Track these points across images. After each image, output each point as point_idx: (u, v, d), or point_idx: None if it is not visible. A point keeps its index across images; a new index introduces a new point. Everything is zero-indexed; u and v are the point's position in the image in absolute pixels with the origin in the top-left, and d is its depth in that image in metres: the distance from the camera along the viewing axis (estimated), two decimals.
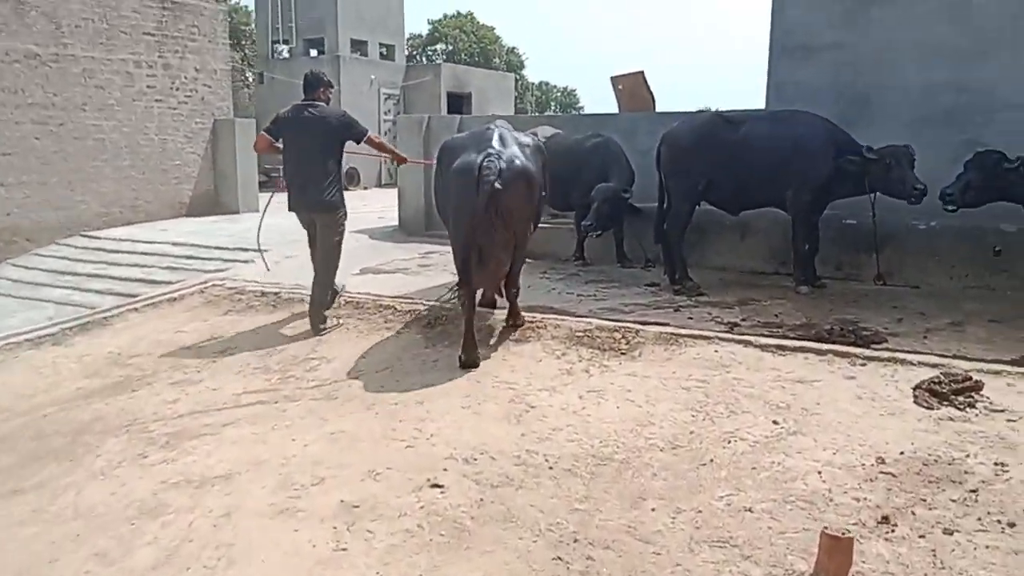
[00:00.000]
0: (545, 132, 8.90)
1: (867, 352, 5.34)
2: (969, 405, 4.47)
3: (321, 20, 22.50)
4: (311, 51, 23.01)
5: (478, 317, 6.47)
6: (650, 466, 4.03)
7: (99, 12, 12.59)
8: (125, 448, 4.65)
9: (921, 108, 7.84)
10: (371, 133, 6.98)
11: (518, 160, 5.70)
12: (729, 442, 4.23)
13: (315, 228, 6.92)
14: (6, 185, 11.46)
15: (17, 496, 4.18)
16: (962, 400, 4.49)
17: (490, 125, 6.10)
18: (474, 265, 5.66)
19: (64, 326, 7.17)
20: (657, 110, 11.53)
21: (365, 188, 21.29)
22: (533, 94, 50.53)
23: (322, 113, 6.76)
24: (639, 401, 4.81)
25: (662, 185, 7.63)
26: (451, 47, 45.40)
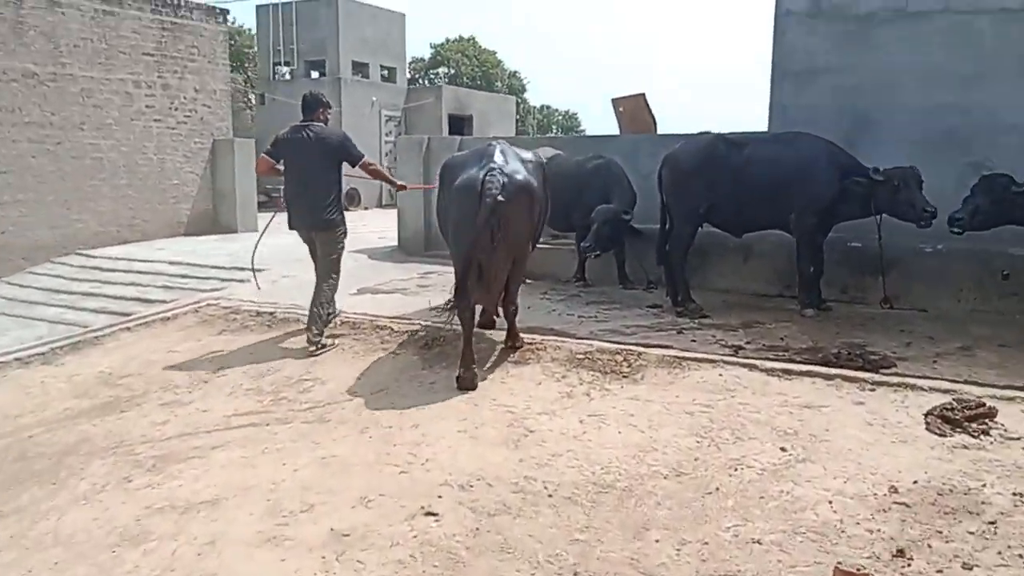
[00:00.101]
0: (546, 153, 8.81)
1: (876, 377, 5.18)
2: (983, 432, 4.32)
3: (323, 42, 22.56)
4: (312, 73, 23.05)
5: (476, 338, 6.36)
6: (653, 494, 3.88)
7: (98, 32, 12.59)
8: (110, 471, 4.50)
9: (924, 130, 7.75)
10: (367, 159, 6.98)
11: (520, 175, 5.66)
12: (736, 469, 4.08)
13: (313, 245, 6.90)
14: (2, 203, 11.39)
15: None
16: (976, 427, 4.34)
17: (491, 143, 6.07)
18: (474, 281, 5.57)
19: (54, 345, 7.03)
20: (658, 132, 11.45)
21: (366, 208, 21.24)
22: (535, 117, 50.70)
23: (320, 133, 6.75)
24: (642, 426, 4.66)
25: (664, 207, 7.52)
26: (453, 71, 45.59)
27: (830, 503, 3.70)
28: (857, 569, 2.79)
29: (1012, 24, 7.62)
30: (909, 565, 3.17)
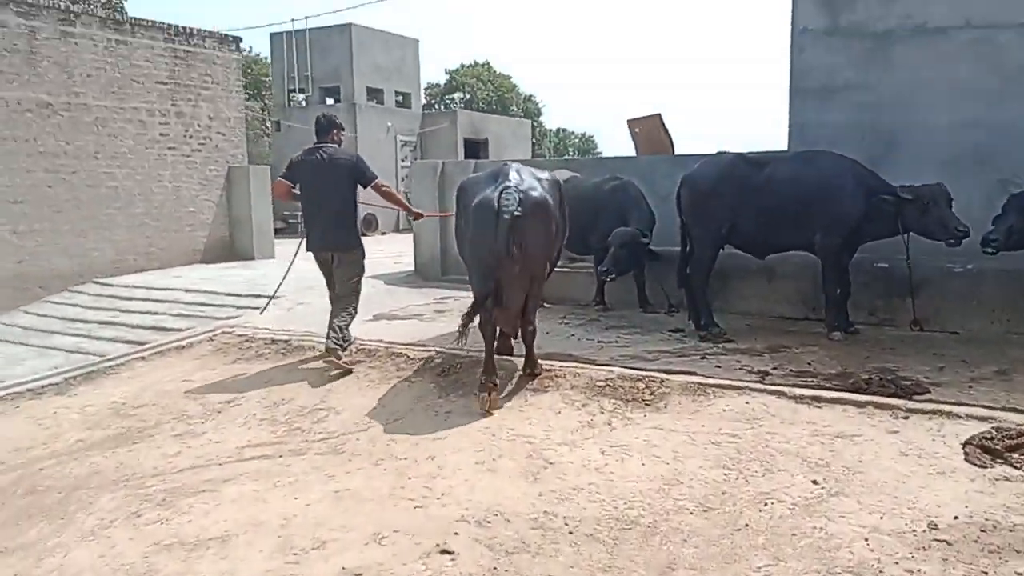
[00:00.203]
0: (562, 176, 8.68)
1: (910, 404, 4.99)
2: None
3: (337, 69, 22.65)
4: (327, 99, 23.12)
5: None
6: (679, 531, 3.71)
7: (111, 61, 12.67)
8: (119, 506, 4.38)
9: (949, 147, 7.59)
10: (380, 180, 6.99)
11: (535, 191, 5.67)
12: (765, 504, 3.90)
13: (329, 268, 6.93)
14: (19, 233, 11.39)
15: (2, 557, 3.91)
16: (1018, 457, 4.14)
17: (507, 163, 6.09)
18: (493, 299, 5.54)
19: (68, 375, 6.96)
20: (675, 153, 11.32)
21: (383, 233, 21.20)
22: (551, 140, 50.77)
23: (334, 155, 6.83)
24: (666, 457, 4.49)
25: (684, 229, 7.37)
26: (469, 95, 45.77)
27: (866, 540, 3.51)
28: None
29: None
30: None
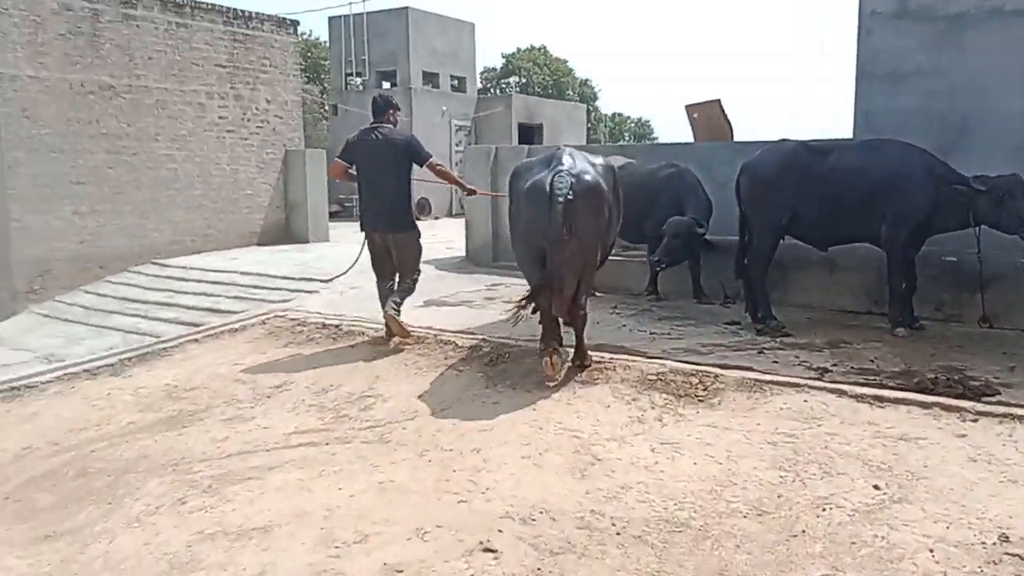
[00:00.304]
0: (617, 162, 8.50)
1: (978, 406, 4.74)
2: None
3: (394, 53, 22.65)
4: (384, 83, 23.14)
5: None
6: (732, 535, 3.56)
7: (171, 44, 12.82)
8: (166, 491, 4.39)
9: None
10: (434, 159, 7.03)
11: (588, 175, 5.64)
12: (824, 509, 3.72)
13: (384, 249, 7.01)
14: (80, 214, 11.63)
15: (49, 542, 3.95)
16: None
17: (560, 147, 6.07)
18: (546, 284, 5.52)
19: (123, 356, 7.06)
20: (735, 139, 11.02)
21: (436, 218, 21.18)
22: (606, 125, 50.25)
23: (388, 135, 6.89)
24: (719, 457, 4.33)
25: (742, 218, 7.15)
26: (525, 80, 45.54)
27: (931, 552, 3.33)
28: None
29: None
30: None
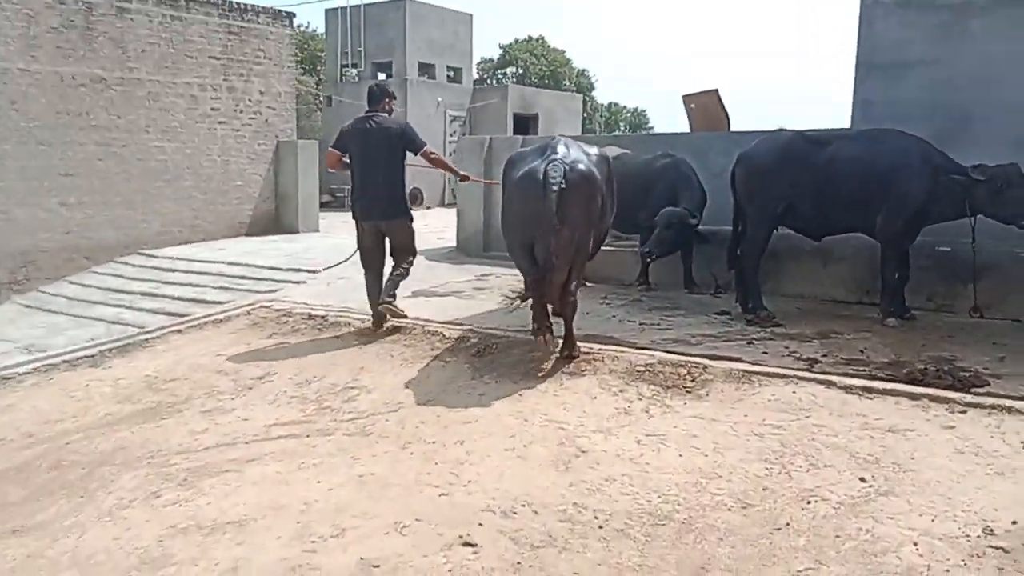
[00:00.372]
0: (612, 152, 8.42)
1: (967, 397, 4.67)
2: None
3: (390, 44, 22.52)
4: (379, 74, 23.01)
5: (529, 346, 6.04)
6: (715, 528, 3.48)
7: (165, 37, 12.71)
8: (140, 485, 4.30)
9: None
10: (429, 147, 7.04)
11: (582, 164, 5.63)
12: (809, 502, 3.65)
13: (374, 239, 6.96)
14: (68, 205, 11.51)
15: (16, 536, 3.85)
16: None
17: (555, 137, 6.09)
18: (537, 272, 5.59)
19: (103, 348, 6.95)
20: (731, 130, 10.92)
21: (428, 208, 21.07)
22: (602, 115, 50.12)
23: (383, 123, 6.85)
24: (705, 449, 4.25)
25: (737, 208, 7.06)
26: (522, 70, 45.39)
27: (915, 545, 3.25)
28: None
29: None
30: None
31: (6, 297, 10.69)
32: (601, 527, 3.54)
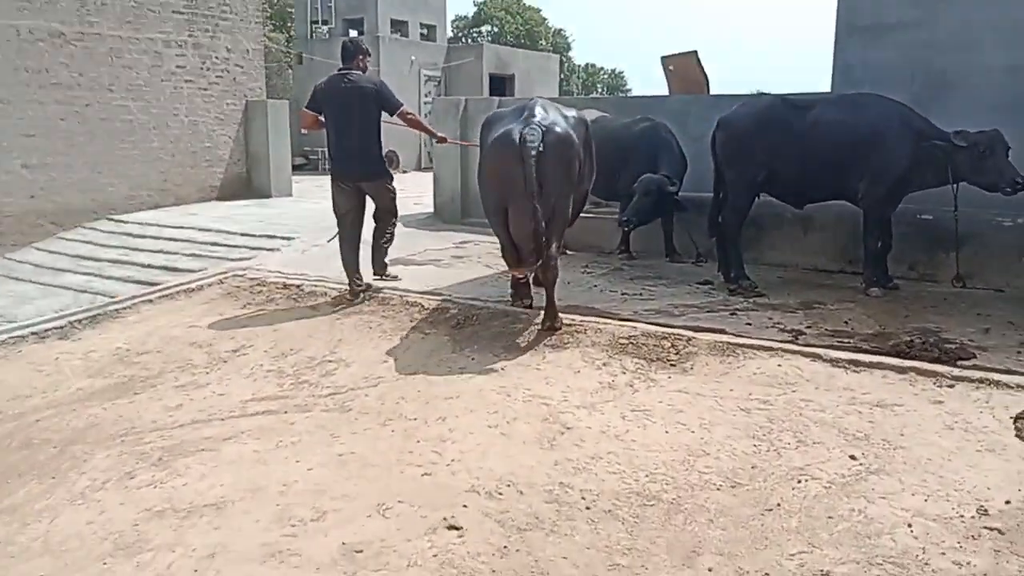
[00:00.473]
0: (590, 116, 8.25)
1: (955, 371, 4.64)
2: None
3: (361, 0, 22.00)
4: (351, 31, 22.50)
5: (511, 317, 5.95)
6: (705, 509, 3.43)
7: None
8: (114, 464, 4.17)
9: (1008, 92, 7.04)
10: (405, 107, 6.91)
11: (559, 127, 5.57)
12: (799, 481, 3.60)
13: (353, 203, 6.87)
14: (30, 167, 11.09)
15: None
16: None
17: (533, 99, 5.98)
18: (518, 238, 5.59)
19: (72, 318, 6.73)
20: (711, 93, 10.78)
21: (404, 171, 20.74)
22: (579, 76, 49.66)
23: (358, 81, 6.71)
24: (692, 425, 4.20)
25: (717, 174, 6.95)
26: (497, 29, 44.72)
27: (909, 526, 3.22)
28: None
29: None
30: None
31: None
32: (588, 508, 3.48)
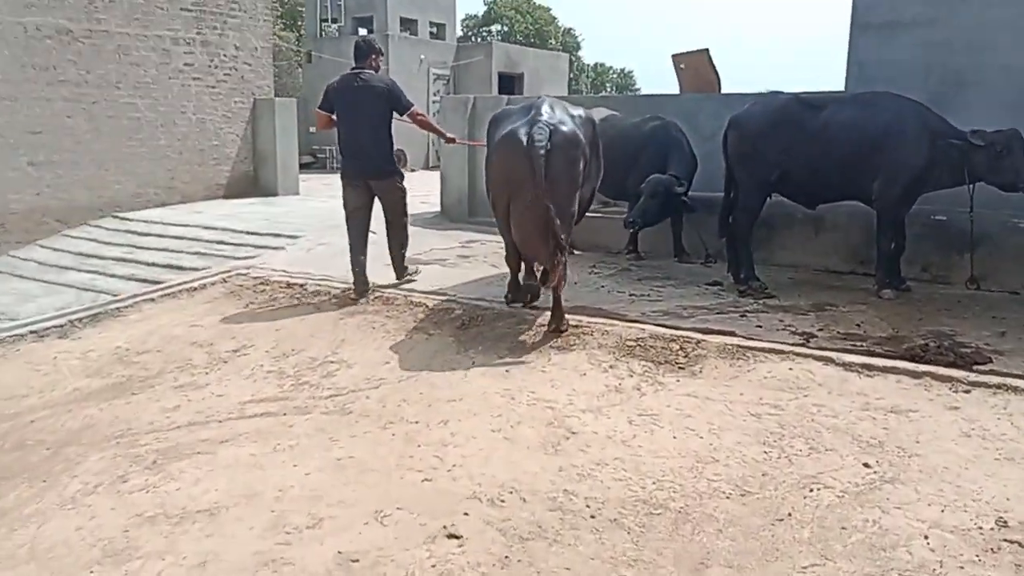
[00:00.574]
0: (600, 114, 8.15)
1: (971, 376, 4.51)
2: None
3: None
4: (360, 29, 22.42)
5: (516, 318, 5.84)
6: (714, 519, 3.31)
7: None
8: (107, 467, 4.08)
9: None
10: (416, 108, 6.90)
11: (565, 126, 5.54)
12: (811, 490, 3.48)
13: (362, 201, 6.82)
14: (36, 164, 11.03)
15: None
16: None
17: (540, 97, 5.93)
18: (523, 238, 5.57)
19: (73, 317, 6.66)
20: (723, 92, 10.63)
21: (412, 170, 20.64)
22: (588, 76, 49.51)
23: (370, 80, 6.69)
24: (700, 430, 4.08)
25: (729, 173, 6.82)
26: (507, 28, 44.63)
27: (926, 538, 3.09)
28: None
29: None
30: None
31: None
32: (593, 516, 3.36)
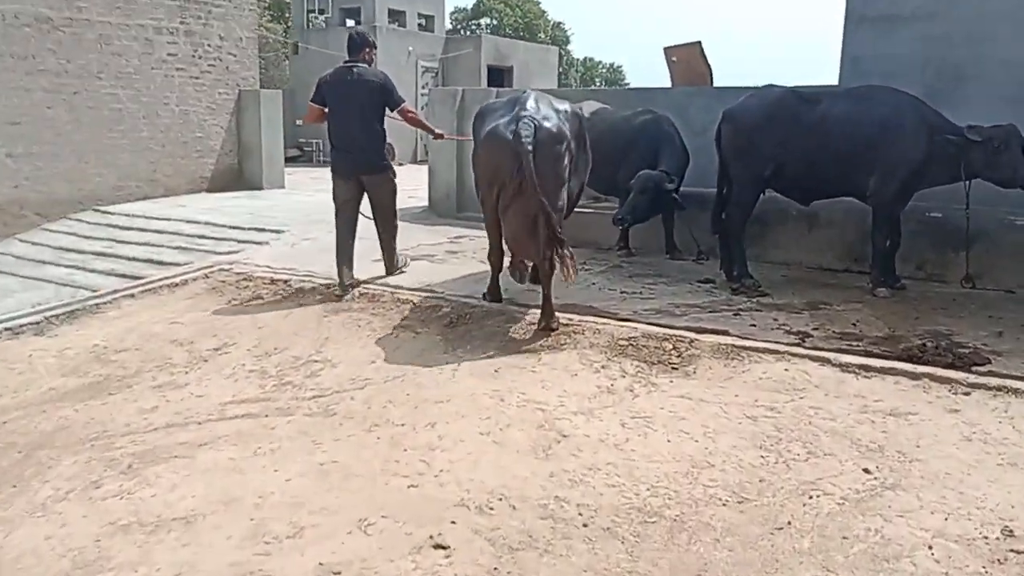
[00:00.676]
0: (591, 107, 8.01)
1: (971, 378, 4.40)
2: None
3: None
4: (347, 21, 22.20)
5: (505, 316, 5.71)
6: (711, 527, 3.19)
7: None
8: (80, 472, 3.92)
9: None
10: (407, 105, 6.82)
11: (549, 122, 5.47)
12: (810, 497, 3.36)
13: (352, 195, 6.77)
14: (15, 156, 10.79)
15: None
16: None
17: (526, 90, 5.85)
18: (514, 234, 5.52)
19: (49, 313, 6.48)
20: (715, 85, 10.52)
21: (400, 164, 20.40)
22: (577, 70, 49.37)
23: (363, 74, 6.61)
24: (695, 433, 3.96)
25: (722, 168, 6.70)
26: (496, 21, 44.42)
27: (930, 549, 2.98)
28: None
29: None
30: None
31: None
32: (586, 525, 3.24)
